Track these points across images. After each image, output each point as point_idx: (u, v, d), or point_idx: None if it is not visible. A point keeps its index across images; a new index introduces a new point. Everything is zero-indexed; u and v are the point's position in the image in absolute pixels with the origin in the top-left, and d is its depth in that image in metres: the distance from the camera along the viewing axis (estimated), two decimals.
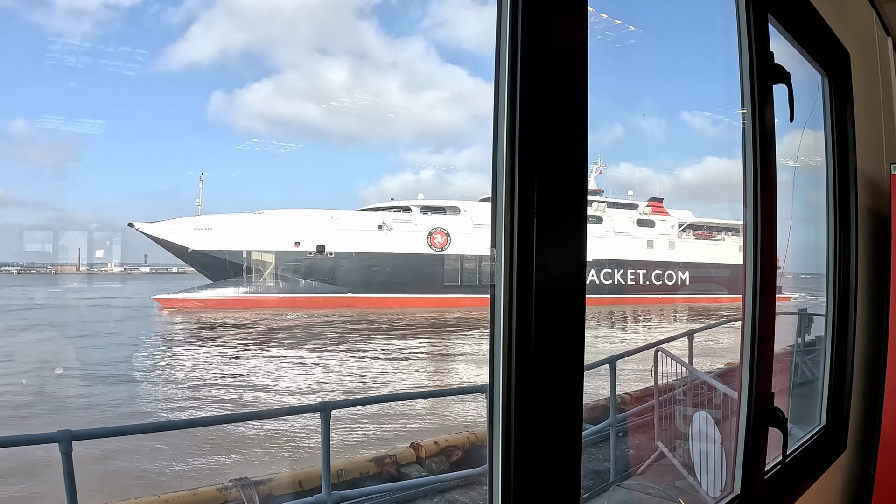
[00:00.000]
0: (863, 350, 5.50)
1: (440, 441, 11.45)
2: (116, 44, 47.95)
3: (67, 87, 47.31)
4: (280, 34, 60.33)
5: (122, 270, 50.32)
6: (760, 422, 3.64)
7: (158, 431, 14.84)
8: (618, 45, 26.06)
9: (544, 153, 1.84)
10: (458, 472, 10.30)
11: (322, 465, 7.94)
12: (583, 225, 1.97)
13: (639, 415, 11.91)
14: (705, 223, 60.99)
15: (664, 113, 66.79)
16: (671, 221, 59.81)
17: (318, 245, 47.76)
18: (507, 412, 1.86)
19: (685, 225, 60.36)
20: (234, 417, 19.40)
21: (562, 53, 1.93)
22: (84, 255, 46.44)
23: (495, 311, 1.88)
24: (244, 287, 46.40)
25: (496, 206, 1.88)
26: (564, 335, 1.93)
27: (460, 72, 66.98)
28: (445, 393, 21.63)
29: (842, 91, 5.15)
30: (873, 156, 5.72)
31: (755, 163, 3.52)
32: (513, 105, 1.83)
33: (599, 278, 53.53)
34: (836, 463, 5.11)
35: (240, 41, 63.09)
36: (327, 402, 8.99)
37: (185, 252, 45.34)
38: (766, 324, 3.60)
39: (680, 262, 57.86)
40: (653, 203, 59.98)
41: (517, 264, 1.81)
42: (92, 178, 61.12)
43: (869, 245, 5.50)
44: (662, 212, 60.06)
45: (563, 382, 1.94)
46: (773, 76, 3.67)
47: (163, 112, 60.88)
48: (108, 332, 35.20)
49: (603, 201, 57.21)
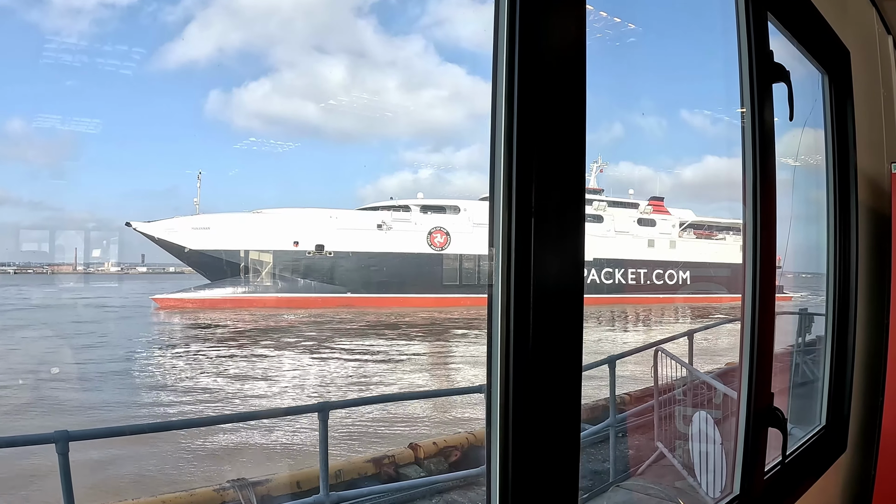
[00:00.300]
0: (863, 349, 5.50)
1: (439, 441, 11.47)
2: (113, 42, 47.72)
3: (64, 85, 47.22)
4: (278, 32, 60.13)
5: (119, 270, 50.25)
6: (760, 422, 3.64)
7: (156, 432, 14.86)
8: (617, 43, 26.06)
9: (542, 152, 1.85)
10: (456, 473, 10.32)
11: (320, 465, 7.95)
12: (581, 224, 1.98)
13: (638, 415, 11.92)
14: (706, 222, 60.89)
15: (664, 111, 66.85)
16: (672, 220, 59.76)
17: (317, 244, 47.63)
18: (505, 412, 1.86)
19: (686, 224, 60.29)
20: (233, 417, 19.39)
21: (560, 51, 1.94)
22: (81, 254, 46.42)
23: (493, 311, 1.88)
24: (242, 287, 46.32)
25: (494, 205, 1.88)
26: (562, 335, 1.93)
27: (459, 70, 66.88)
28: (444, 393, 21.63)
29: (842, 90, 5.16)
30: (874, 155, 5.72)
31: (755, 162, 3.52)
32: (510, 103, 1.84)
33: (600, 278, 53.54)
34: (836, 463, 5.12)
35: (237, 40, 63.11)
36: (325, 403, 9.02)
37: (182, 251, 45.24)
38: (765, 323, 3.60)
39: (681, 262, 57.83)
40: (653, 202, 59.93)
41: (515, 264, 1.82)
42: (89, 178, 61.00)
43: (869, 244, 5.50)
44: (663, 211, 60.02)
45: (561, 382, 1.94)
46: (773, 75, 3.68)
47: (160, 111, 60.59)
48: (104, 334, 35.03)
49: (604, 200, 57.14)
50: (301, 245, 47.39)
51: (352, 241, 48.12)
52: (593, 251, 51.95)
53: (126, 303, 45.96)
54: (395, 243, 49.13)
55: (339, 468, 9.93)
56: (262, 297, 46.36)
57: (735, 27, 3.60)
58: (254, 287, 46.63)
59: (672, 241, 58.97)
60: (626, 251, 55.45)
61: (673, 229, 59.56)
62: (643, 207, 59.00)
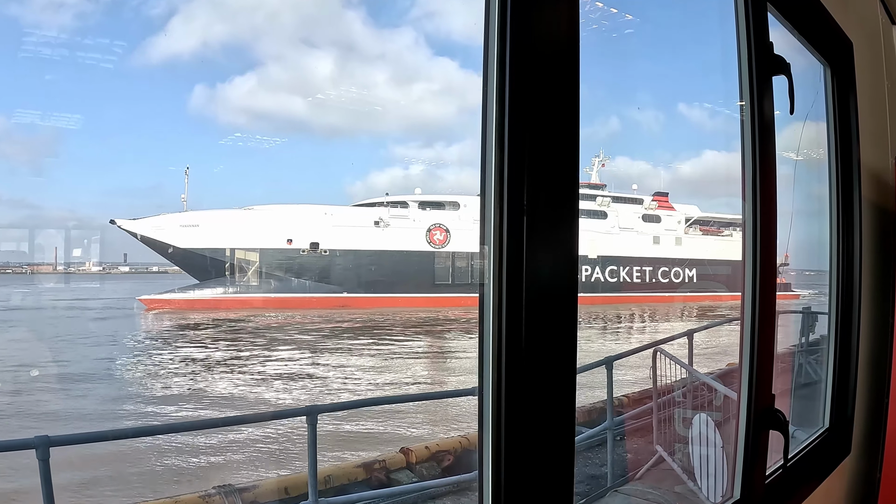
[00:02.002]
0: (867, 349, 5.49)
1: (431, 446, 11.48)
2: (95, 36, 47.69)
3: (43, 80, 47.02)
4: (264, 25, 60.07)
5: (100, 270, 50.15)
6: (761, 424, 3.65)
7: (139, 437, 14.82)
8: (614, 34, 26.06)
9: (535, 146, 1.85)
10: (449, 478, 10.31)
11: (309, 470, 7.95)
12: (575, 221, 1.98)
13: (637, 417, 11.93)
14: (713, 218, 60.73)
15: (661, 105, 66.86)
16: (677, 217, 59.70)
17: (312, 242, 47.42)
18: (497, 415, 1.86)
19: (692, 220, 60.27)
20: (218, 422, 19.32)
21: (553, 43, 1.94)
22: (61, 253, 46.33)
23: (485, 311, 1.88)
24: (234, 287, 46.08)
25: (485, 201, 1.88)
26: (556, 335, 1.93)
27: (451, 63, 66.74)
28: (435, 396, 21.63)
29: (844, 82, 5.16)
30: (877, 149, 5.72)
31: (754, 156, 3.52)
32: (502, 97, 1.83)
33: (604, 276, 53.52)
34: (840, 466, 5.11)
35: (222, 33, 62.87)
36: (314, 406, 8.95)
37: (169, 250, 44.91)
38: (766, 322, 3.60)
39: (687, 259, 57.74)
40: (658, 197, 59.86)
41: (507, 262, 1.82)
42: (69, 175, 60.75)
43: (873, 241, 5.49)
44: (668, 206, 59.98)
45: (555, 384, 1.94)
46: (773, 67, 3.68)
47: (143, 107, 60.62)
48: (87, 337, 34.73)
49: (607, 196, 57.06)
50: (295, 243, 47.20)
51: (348, 239, 47.91)
52: (598, 248, 51.96)
53: (111, 304, 45.64)
54: (394, 241, 48.98)
55: (328, 473, 9.93)
56: (257, 298, 46.09)
57: (734, 18, 3.60)
58: (247, 287, 46.41)
59: (678, 238, 58.91)
60: (631, 248, 55.40)
61: (678, 226, 59.52)
62: (647, 203, 58.95)
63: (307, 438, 7.80)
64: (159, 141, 61.71)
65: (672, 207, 60.07)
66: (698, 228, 60.55)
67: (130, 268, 53.59)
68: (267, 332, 39.31)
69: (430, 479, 10.50)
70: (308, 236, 47.44)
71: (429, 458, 11.21)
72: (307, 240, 47.42)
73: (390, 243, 48.91)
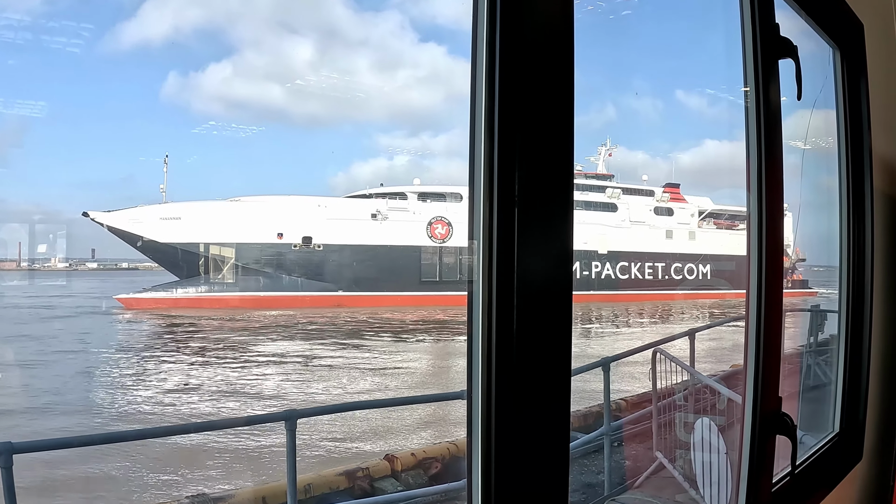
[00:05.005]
0: (880, 349, 5.47)
1: (417, 453, 11.48)
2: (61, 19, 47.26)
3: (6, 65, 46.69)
4: (239, 8, 59.73)
5: (67, 266, 49.80)
6: (767, 429, 3.65)
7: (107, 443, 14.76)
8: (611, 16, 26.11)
9: (526, 135, 1.85)
10: (436, 487, 10.31)
11: (287, 479, 7.93)
12: (569, 214, 1.97)
13: (636, 422, 11.95)
14: (727, 211, 60.57)
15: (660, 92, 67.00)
16: (690, 209, 59.60)
17: (304, 236, 47.18)
18: (487, 420, 1.86)
19: (706, 213, 60.18)
20: (189, 428, 19.27)
21: (546, 25, 1.93)
22: (25, 249, 46.03)
23: (474, 310, 1.88)
24: (217, 286, 45.67)
25: (474, 193, 1.88)
26: (549, 335, 1.93)
27: (438, 49, 66.83)
28: (422, 400, 21.62)
29: (855, 66, 5.16)
30: (890, 137, 5.70)
31: (759, 145, 3.52)
32: (491, 83, 1.83)
33: (615, 272, 53.41)
34: (851, 473, 5.11)
35: (196, 17, 62.76)
36: (292, 411, 8.93)
37: (149, 245, 44.32)
38: (772, 321, 3.60)
39: (701, 255, 57.58)
40: (669, 189, 59.70)
41: (497, 258, 1.81)
42: (34, 166, 60.33)
43: (886, 234, 5.48)
44: (680, 199, 59.81)
45: (547, 387, 1.94)
46: (779, 50, 3.67)
47: (112, 94, 60.12)
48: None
49: (617, 187, 56.88)
50: (286, 237, 46.91)
51: (344, 233, 47.65)
52: (608, 243, 51.88)
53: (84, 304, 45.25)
54: (393, 235, 48.82)
55: (308, 482, 9.92)
56: (252, 297, 45.73)
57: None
58: (229, 286, 46.06)
59: (691, 232, 58.78)
60: (642, 243, 55.24)
61: (692, 219, 59.43)
62: (659, 195, 58.78)
63: (286, 445, 7.78)
64: (129, 130, 61.44)
65: (684, 199, 59.91)
66: (712, 222, 60.47)
67: (99, 264, 53.36)
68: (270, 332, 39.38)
69: (416, 488, 10.50)
70: (300, 230, 47.14)
71: (415, 465, 11.21)
72: (299, 234, 47.12)
73: (389, 238, 48.65)
